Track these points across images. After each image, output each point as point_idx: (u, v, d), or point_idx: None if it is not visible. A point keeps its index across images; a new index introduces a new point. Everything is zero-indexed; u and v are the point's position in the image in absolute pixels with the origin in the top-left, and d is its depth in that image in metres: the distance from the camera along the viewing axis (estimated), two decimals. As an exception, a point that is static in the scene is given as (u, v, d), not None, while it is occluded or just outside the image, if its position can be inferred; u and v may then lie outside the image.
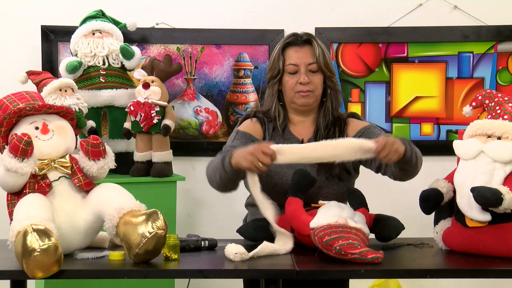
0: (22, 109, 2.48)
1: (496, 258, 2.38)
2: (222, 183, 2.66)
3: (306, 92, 2.78)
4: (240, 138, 2.79)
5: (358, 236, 2.36)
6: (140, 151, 3.52)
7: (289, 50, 2.82)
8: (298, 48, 2.81)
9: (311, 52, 2.80)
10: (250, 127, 2.83)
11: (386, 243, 2.59)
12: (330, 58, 2.85)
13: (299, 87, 2.77)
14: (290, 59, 2.80)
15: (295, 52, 2.81)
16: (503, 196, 2.30)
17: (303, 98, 2.78)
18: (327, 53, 2.82)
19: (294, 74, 2.79)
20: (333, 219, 2.41)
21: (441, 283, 3.79)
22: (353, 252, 2.27)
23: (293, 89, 2.79)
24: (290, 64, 2.79)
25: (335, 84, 2.84)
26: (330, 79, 2.82)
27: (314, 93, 2.79)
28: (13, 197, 2.45)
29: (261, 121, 2.84)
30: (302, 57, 2.79)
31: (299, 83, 2.77)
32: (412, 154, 2.58)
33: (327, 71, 2.80)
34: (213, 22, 3.95)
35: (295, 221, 2.52)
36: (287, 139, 2.79)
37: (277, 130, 2.82)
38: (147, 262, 2.33)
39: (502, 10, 3.94)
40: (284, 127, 2.83)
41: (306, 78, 2.76)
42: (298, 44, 2.81)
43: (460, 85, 3.95)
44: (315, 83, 2.79)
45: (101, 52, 3.55)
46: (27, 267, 2.19)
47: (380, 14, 3.95)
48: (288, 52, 2.82)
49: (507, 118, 2.49)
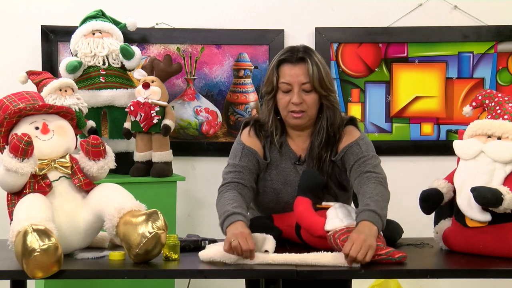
0: (22, 109, 2.49)
1: (496, 258, 2.38)
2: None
3: (299, 113, 2.68)
4: (248, 156, 2.71)
5: (379, 238, 2.37)
6: (140, 151, 3.52)
7: (283, 66, 2.70)
8: (292, 66, 2.69)
9: (305, 70, 2.67)
10: (252, 143, 2.75)
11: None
12: (329, 75, 2.73)
13: (292, 106, 2.67)
14: (284, 77, 2.69)
15: (289, 69, 2.69)
16: (503, 196, 2.30)
17: (295, 119, 2.69)
18: (324, 69, 2.70)
19: (288, 92, 2.68)
20: (348, 222, 2.41)
21: (441, 283, 3.79)
22: (379, 253, 2.30)
23: (286, 108, 2.69)
24: (283, 82, 2.69)
25: (331, 102, 2.72)
26: (326, 98, 2.70)
27: (307, 113, 2.69)
28: (13, 197, 2.45)
29: (259, 136, 2.76)
30: (295, 75, 2.67)
31: (291, 103, 2.68)
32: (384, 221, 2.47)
33: (322, 91, 2.68)
34: (213, 22, 3.94)
35: (305, 221, 2.51)
36: (285, 154, 2.74)
37: (274, 145, 2.75)
38: (147, 262, 2.33)
39: (502, 10, 3.94)
40: (282, 142, 2.75)
41: (299, 99, 2.66)
42: (293, 61, 2.69)
43: (460, 85, 3.95)
44: (308, 103, 2.68)
45: (101, 52, 3.55)
46: (27, 267, 2.19)
47: (380, 14, 3.95)
48: (283, 69, 2.70)
49: (507, 118, 2.49)
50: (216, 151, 3.92)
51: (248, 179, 2.67)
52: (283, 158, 2.74)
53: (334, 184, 2.71)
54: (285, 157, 2.74)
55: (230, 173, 2.67)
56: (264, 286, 2.34)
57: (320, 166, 2.70)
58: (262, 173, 2.73)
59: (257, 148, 2.74)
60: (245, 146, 2.73)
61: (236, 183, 2.64)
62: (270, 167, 2.74)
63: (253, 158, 2.71)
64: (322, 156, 2.70)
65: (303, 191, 2.55)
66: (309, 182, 2.57)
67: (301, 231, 2.56)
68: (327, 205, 2.60)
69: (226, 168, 2.71)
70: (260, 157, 2.73)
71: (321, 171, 2.67)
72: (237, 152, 2.74)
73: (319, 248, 2.45)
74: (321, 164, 2.70)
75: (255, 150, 2.73)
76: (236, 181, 2.64)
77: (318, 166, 2.70)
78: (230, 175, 2.67)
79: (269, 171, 2.73)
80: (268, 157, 2.74)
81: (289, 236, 2.62)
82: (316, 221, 2.47)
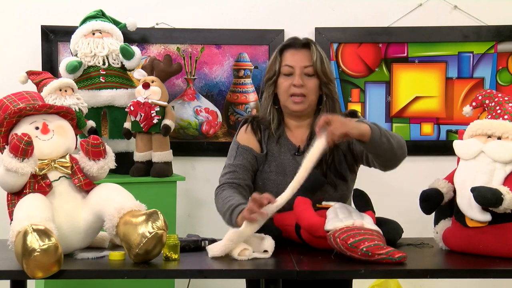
0: (22, 109, 2.49)
1: (496, 258, 2.38)
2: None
3: (299, 97, 2.72)
4: (243, 154, 2.75)
5: (379, 237, 2.37)
6: (140, 151, 3.52)
7: (286, 52, 2.77)
8: (296, 51, 2.76)
9: (309, 55, 2.74)
10: (247, 140, 2.79)
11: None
12: (330, 66, 2.78)
13: (293, 89, 2.71)
14: (286, 61, 2.75)
15: (292, 54, 2.76)
16: (503, 196, 2.30)
17: (295, 104, 2.73)
18: (326, 59, 2.76)
19: (289, 76, 2.73)
20: (348, 222, 2.41)
21: (441, 283, 3.79)
22: (380, 252, 2.29)
23: (286, 92, 2.73)
24: (285, 65, 2.74)
25: (331, 92, 2.76)
26: (327, 86, 2.74)
27: (307, 98, 2.72)
28: (13, 197, 2.45)
29: (255, 131, 2.79)
30: (299, 59, 2.74)
31: (292, 85, 2.71)
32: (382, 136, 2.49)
33: (323, 77, 2.73)
34: (213, 22, 3.94)
35: (305, 221, 2.51)
36: (284, 146, 2.77)
37: (272, 137, 2.78)
38: (147, 262, 2.33)
39: (502, 10, 3.94)
40: (280, 134, 2.78)
41: (300, 80, 2.71)
42: (296, 47, 2.76)
43: (460, 85, 3.95)
44: (309, 87, 2.72)
45: (101, 52, 3.55)
46: (27, 267, 2.19)
47: (380, 14, 3.95)
48: (286, 54, 2.77)
49: (507, 118, 2.49)
50: (216, 151, 3.92)
51: (243, 177, 2.71)
52: (282, 150, 2.75)
53: (333, 174, 2.73)
54: (284, 148, 2.75)
55: (225, 175, 2.73)
56: (264, 286, 2.34)
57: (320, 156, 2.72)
58: (262, 166, 2.75)
59: (253, 144, 2.77)
60: (239, 145, 2.78)
61: (230, 183, 2.69)
62: (269, 159, 2.76)
63: (248, 155, 2.75)
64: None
65: (303, 191, 2.55)
66: (309, 182, 2.57)
67: (301, 231, 2.56)
68: (327, 205, 2.60)
69: (222, 170, 2.76)
70: (256, 152, 2.76)
71: (320, 161, 2.68)
72: (232, 152, 2.79)
73: (319, 248, 2.45)
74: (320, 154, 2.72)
75: (250, 147, 2.76)
76: (230, 182, 2.69)
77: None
78: (225, 176, 2.73)
79: (268, 163, 2.75)
80: (264, 149, 2.76)
81: (289, 236, 2.61)
82: (316, 221, 2.47)
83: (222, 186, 2.69)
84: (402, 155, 2.60)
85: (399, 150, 2.57)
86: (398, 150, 2.57)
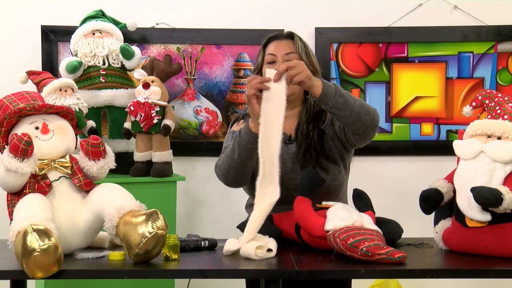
0: (22, 109, 2.48)
1: (496, 258, 2.38)
2: (235, 166, 2.69)
3: None
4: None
5: (379, 237, 2.37)
6: (140, 151, 3.52)
7: (270, 44, 2.86)
8: (279, 42, 2.85)
9: (292, 44, 2.82)
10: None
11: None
12: (315, 58, 2.86)
13: None
14: (269, 50, 2.84)
15: (275, 45, 2.85)
16: (503, 196, 2.30)
17: None
18: (311, 51, 2.84)
19: (272, 63, 2.81)
20: (348, 222, 2.41)
21: (441, 283, 3.79)
22: (379, 252, 2.29)
23: None
24: (268, 54, 2.83)
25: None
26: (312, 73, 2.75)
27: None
28: (13, 197, 2.45)
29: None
30: (281, 48, 2.82)
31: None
32: (336, 96, 2.53)
33: (309, 66, 2.75)
34: (213, 22, 3.95)
35: (305, 221, 2.51)
36: None
37: None
38: (147, 262, 2.33)
39: (502, 10, 3.94)
40: None
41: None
42: (280, 38, 2.85)
43: (460, 85, 3.95)
44: None
45: (101, 52, 3.55)
46: (27, 267, 2.19)
47: (380, 14, 3.95)
48: (269, 46, 2.86)
49: (507, 118, 2.49)
50: (216, 151, 3.90)
51: None
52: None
53: (324, 158, 2.77)
54: None
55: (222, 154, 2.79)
56: (264, 286, 2.34)
57: (309, 142, 2.76)
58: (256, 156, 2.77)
59: None
60: (234, 131, 2.83)
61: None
62: None
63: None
64: (309, 131, 2.78)
65: (303, 191, 2.55)
66: (309, 182, 2.57)
67: (301, 231, 2.56)
68: (327, 205, 2.60)
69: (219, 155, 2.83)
70: None
71: (309, 146, 2.70)
72: (227, 139, 2.87)
73: (319, 248, 2.45)
74: (309, 140, 2.77)
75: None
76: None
77: (307, 142, 2.77)
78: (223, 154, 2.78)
79: None
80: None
81: (289, 236, 2.62)
82: (316, 221, 2.47)
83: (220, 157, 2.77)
84: (369, 121, 2.63)
85: (364, 116, 2.60)
86: (363, 115, 2.60)
